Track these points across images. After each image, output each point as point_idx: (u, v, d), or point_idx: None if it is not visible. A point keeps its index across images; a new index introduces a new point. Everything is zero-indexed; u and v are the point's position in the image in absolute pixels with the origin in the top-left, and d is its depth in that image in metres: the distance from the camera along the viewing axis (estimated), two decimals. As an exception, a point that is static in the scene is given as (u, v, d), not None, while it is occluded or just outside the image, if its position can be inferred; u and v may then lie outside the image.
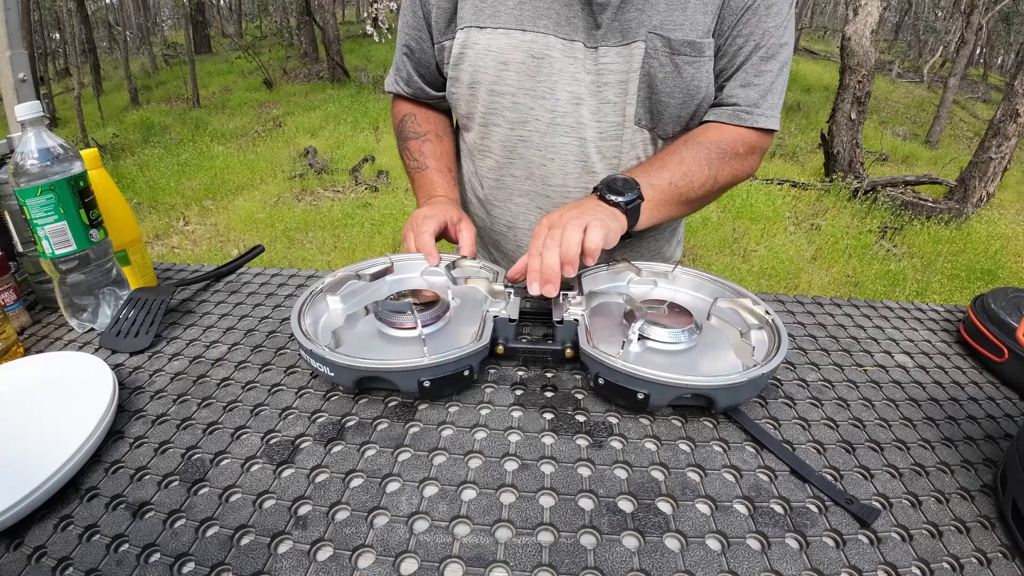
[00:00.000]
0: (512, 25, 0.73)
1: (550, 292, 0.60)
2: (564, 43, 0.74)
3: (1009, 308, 0.67)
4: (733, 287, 0.69)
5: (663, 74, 0.73)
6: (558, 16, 0.73)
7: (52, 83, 11.78)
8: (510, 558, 0.40)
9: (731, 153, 0.75)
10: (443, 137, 0.92)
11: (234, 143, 7.34)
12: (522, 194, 0.85)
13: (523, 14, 0.73)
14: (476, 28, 0.75)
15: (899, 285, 3.78)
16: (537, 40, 0.73)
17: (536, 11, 0.73)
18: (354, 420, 0.54)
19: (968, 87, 13.56)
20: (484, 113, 0.80)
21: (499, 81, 0.76)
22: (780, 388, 0.61)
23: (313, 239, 4.40)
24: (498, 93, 0.77)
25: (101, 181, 0.75)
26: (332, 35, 10.57)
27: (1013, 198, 6.08)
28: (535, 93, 0.76)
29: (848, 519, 0.44)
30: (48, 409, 0.54)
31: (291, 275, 0.88)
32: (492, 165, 0.86)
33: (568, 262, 0.60)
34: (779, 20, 0.73)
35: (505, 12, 0.73)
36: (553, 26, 0.73)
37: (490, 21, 0.74)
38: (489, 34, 0.74)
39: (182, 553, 0.41)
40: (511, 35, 0.73)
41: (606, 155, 0.79)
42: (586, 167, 0.79)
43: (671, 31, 0.71)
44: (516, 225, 0.89)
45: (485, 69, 0.76)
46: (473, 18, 0.75)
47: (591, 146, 0.78)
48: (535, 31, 0.73)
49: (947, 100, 8.25)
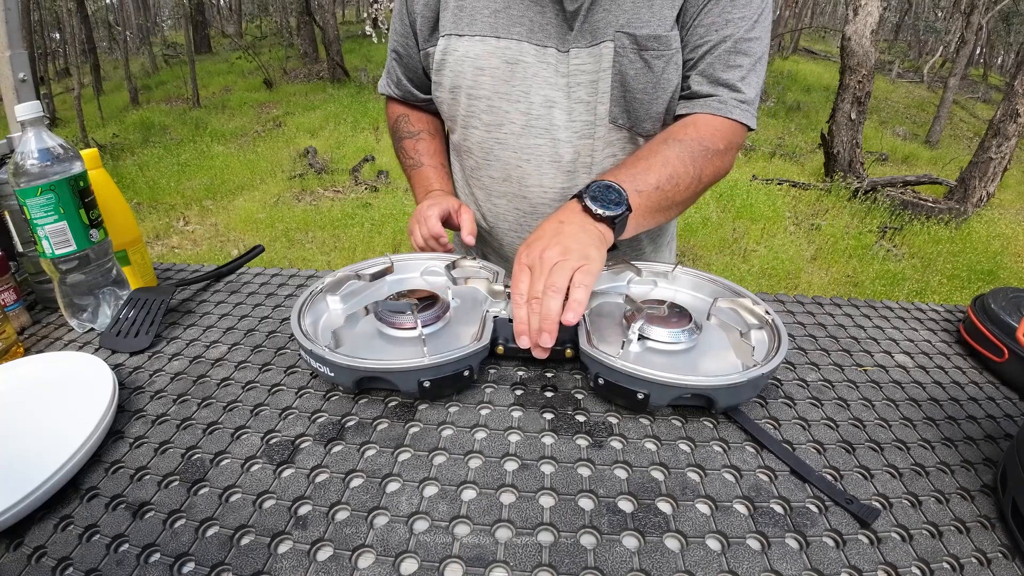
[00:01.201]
0: (487, 32, 0.76)
1: (540, 354, 0.56)
2: (537, 49, 0.76)
3: (1009, 308, 0.67)
4: (733, 287, 0.69)
5: (634, 71, 0.74)
6: (531, 23, 0.75)
7: (52, 83, 11.78)
8: (510, 558, 0.40)
9: (712, 150, 0.73)
10: (436, 135, 0.96)
11: (234, 143, 7.34)
12: (500, 195, 0.87)
13: (498, 22, 0.76)
14: (455, 36, 0.78)
15: (899, 285, 3.78)
16: (511, 46, 0.76)
17: (510, 19, 0.76)
18: (354, 420, 0.54)
19: (968, 87, 13.56)
20: (464, 116, 0.83)
21: (476, 85, 0.79)
22: (780, 388, 0.61)
23: (313, 239, 4.40)
24: (475, 97, 0.80)
25: (101, 181, 0.75)
26: (332, 35, 10.57)
27: (1013, 198, 6.09)
28: (510, 97, 0.78)
29: (848, 519, 0.44)
30: (48, 409, 0.54)
31: (291, 275, 0.88)
32: (472, 165, 0.88)
33: (548, 330, 0.54)
34: (747, 12, 0.71)
35: (481, 20, 0.76)
36: (527, 33, 0.76)
37: (467, 29, 0.77)
38: (467, 41, 0.77)
39: (182, 553, 0.41)
40: (486, 42, 0.76)
41: (580, 153, 0.80)
42: (560, 167, 0.81)
43: (637, 28, 0.72)
44: (497, 225, 0.91)
45: (463, 74, 0.79)
46: (452, 26, 0.78)
47: (565, 146, 0.79)
48: (509, 38, 0.76)
49: (947, 100, 8.25)
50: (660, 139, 0.74)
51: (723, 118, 0.74)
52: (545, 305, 0.54)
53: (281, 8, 17.46)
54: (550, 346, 0.55)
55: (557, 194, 0.83)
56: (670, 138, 0.73)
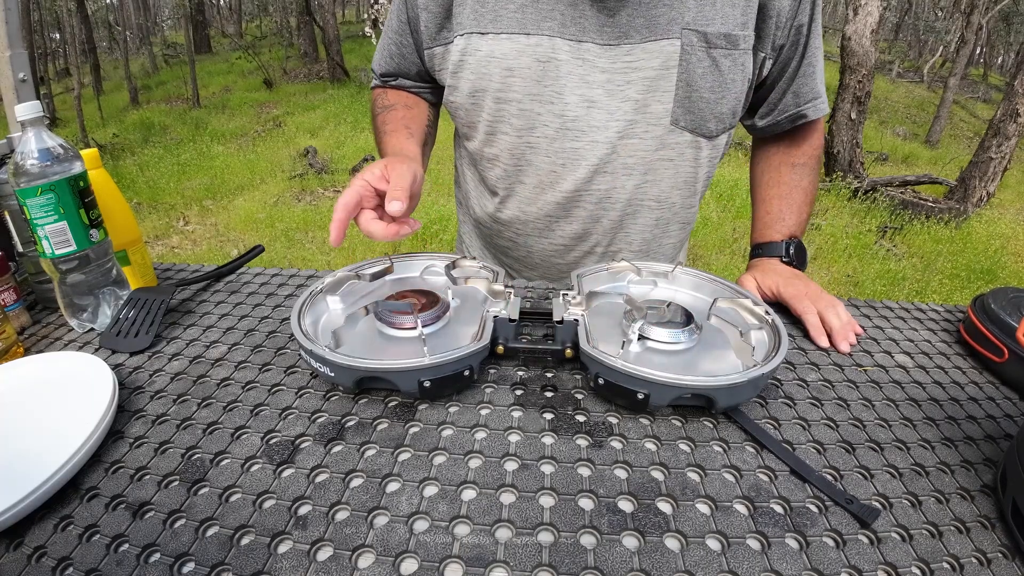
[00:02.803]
0: (516, 29, 0.71)
1: (845, 348, 0.68)
2: (571, 44, 0.71)
3: (1009, 308, 0.66)
4: (733, 287, 0.69)
5: (701, 69, 0.71)
6: (563, 17, 0.70)
7: (52, 83, 11.78)
8: (510, 558, 0.40)
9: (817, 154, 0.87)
10: (412, 107, 0.87)
11: (234, 143, 7.34)
12: (530, 202, 0.83)
13: (526, 17, 0.71)
14: (477, 34, 0.72)
15: (899, 285, 3.78)
16: (543, 43, 0.71)
17: (540, 13, 0.70)
18: (354, 420, 0.54)
19: (968, 87, 13.55)
20: (490, 121, 0.78)
21: (505, 88, 0.74)
22: (780, 388, 0.61)
23: (313, 239, 4.40)
24: (504, 100, 0.75)
25: (101, 181, 0.75)
26: (332, 35, 10.57)
27: (1013, 198, 6.08)
28: (542, 98, 0.74)
29: (848, 519, 0.44)
30: (48, 409, 0.54)
31: (291, 275, 0.88)
32: (500, 174, 0.83)
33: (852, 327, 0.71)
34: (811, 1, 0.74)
35: (507, 16, 0.71)
36: (559, 28, 0.70)
37: (491, 26, 0.72)
38: (491, 40, 0.72)
39: (182, 553, 0.41)
40: (515, 40, 0.71)
41: (620, 154, 0.76)
42: (599, 169, 0.77)
43: (705, 25, 0.69)
44: (527, 233, 0.87)
45: (490, 76, 0.74)
46: (473, 24, 0.72)
47: (604, 147, 0.75)
48: (540, 34, 0.71)
49: (947, 100, 8.25)
50: (788, 168, 0.86)
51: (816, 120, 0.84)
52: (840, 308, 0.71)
53: (281, 8, 17.46)
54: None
55: (594, 200, 0.79)
56: (796, 164, 0.86)
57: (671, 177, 0.79)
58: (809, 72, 0.78)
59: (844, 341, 0.68)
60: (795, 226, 0.84)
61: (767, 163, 0.88)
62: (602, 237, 0.84)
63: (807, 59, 0.77)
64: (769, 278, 0.77)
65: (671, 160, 0.78)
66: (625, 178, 0.78)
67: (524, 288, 0.82)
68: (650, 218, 0.82)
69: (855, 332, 0.70)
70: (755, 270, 0.81)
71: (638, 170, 0.77)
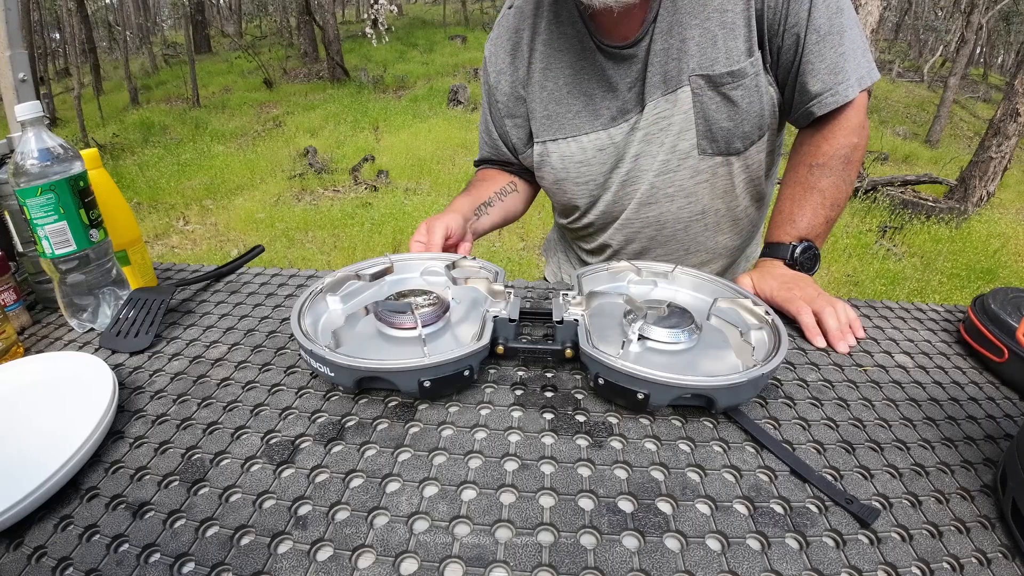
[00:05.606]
0: (577, 132, 0.90)
1: (843, 349, 0.69)
2: (617, 127, 0.87)
3: (1009, 308, 0.66)
4: (733, 287, 0.69)
5: (715, 105, 0.81)
6: (609, 111, 0.87)
7: (52, 83, 11.78)
8: (510, 558, 0.40)
9: (847, 149, 0.82)
10: (486, 180, 1.03)
11: (234, 143, 7.34)
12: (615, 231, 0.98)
13: (581, 122, 0.89)
14: (550, 141, 0.92)
15: (899, 284, 3.78)
16: (600, 136, 0.89)
17: (592, 114, 0.88)
18: (354, 420, 0.54)
19: (968, 87, 13.55)
20: (571, 196, 0.96)
21: (580, 176, 0.93)
22: (780, 388, 0.61)
23: (313, 239, 4.41)
24: (580, 183, 0.94)
25: (101, 181, 0.75)
26: (332, 35, 10.57)
27: (1013, 197, 6.08)
28: (605, 169, 0.91)
29: (848, 519, 0.44)
30: (48, 409, 0.54)
31: (291, 275, 0.88)
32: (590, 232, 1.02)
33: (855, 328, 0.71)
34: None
35: (568, 124, 0.90)
36: (608, 121, 0.88)
37: (559, 133, 0.91)
38: (561, 144, 0.91)
39: (182, 553, 0.41)
40: (579, 141, 0.90)
41: (658, 188, 0.89)
42: (651, 196, 0.91)
43: (709, 68, 0.79)
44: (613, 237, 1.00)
45: (567, 170, 0.93)
46: (546, 133, 0.92)
47: (645, 186, 0.90)
48: (595, 131, 0.89)
49: (947, 100, 8.25)
50: (805, 169, 0.84)
51: (843, 107, 0.80)
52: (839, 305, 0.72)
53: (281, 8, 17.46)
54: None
55: (639, 223, 0.94)
56: (814, 165, 0.83)
57: (708, 192, 0.90)
58: (810, 70, 0.78)
59: (841, 342, 0.69)
60: (807, 229, 0.82)
61: (790, 162, 0.89)
62: (660, 248, 0.98)
63: (806, 58, 0.78)
64: (766, 280, 0.77)
65: (707, 181, 0.88)
66: (668, 204, 0.90)
67: (524, 288, 0.82)
68: (699, 225, 0.94)
69: (856, 335, 0.71)
70: (755, 271, 0.81)
71: (679, 196, 0.90)
